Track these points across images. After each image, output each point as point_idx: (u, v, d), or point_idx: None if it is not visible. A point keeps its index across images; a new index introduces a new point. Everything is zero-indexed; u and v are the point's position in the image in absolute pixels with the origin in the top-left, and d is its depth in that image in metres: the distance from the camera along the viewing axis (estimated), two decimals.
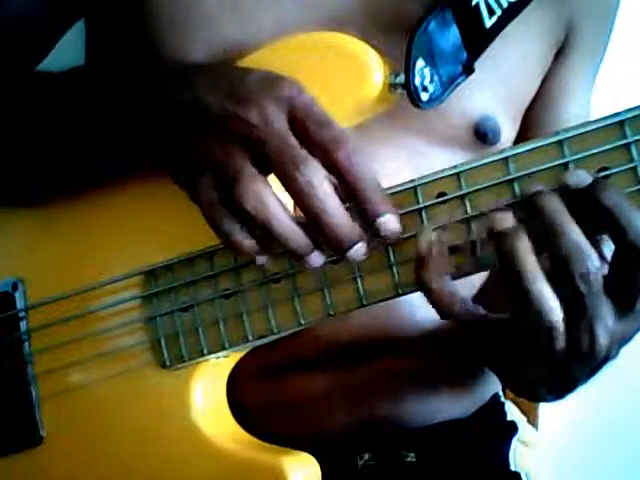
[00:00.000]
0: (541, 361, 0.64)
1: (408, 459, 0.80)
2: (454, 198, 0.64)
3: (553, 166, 0.62)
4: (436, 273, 0.62)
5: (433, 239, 0.62)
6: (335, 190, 0.62)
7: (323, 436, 0.77)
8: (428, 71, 0.69)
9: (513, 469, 0.83)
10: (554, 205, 0.60)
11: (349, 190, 0.62)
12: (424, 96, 0.69)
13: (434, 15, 0.69)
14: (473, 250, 0.64)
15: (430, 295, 0.62)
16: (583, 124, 0.62)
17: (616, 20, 0.87)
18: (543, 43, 0.82)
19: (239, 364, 0.74)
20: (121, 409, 0.73)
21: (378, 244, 0.65)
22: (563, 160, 0.62)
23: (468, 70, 0.72)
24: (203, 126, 0.64)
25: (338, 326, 0.75)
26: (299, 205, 0.62)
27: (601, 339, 0.60)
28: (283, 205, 0.63)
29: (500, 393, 0.89)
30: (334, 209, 0.62)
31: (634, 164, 0.61)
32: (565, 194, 0.60)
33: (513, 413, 0.88)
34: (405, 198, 0.65)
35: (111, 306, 0.73)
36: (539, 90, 0.84)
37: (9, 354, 0.76)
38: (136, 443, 0.73)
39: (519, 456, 0.84)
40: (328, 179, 0.62)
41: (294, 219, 0.63)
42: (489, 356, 0.71)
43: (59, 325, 0.74)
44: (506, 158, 0.63)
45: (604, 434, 1.23)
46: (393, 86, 0.68)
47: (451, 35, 0.71)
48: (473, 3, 0.71)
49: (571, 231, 0.59)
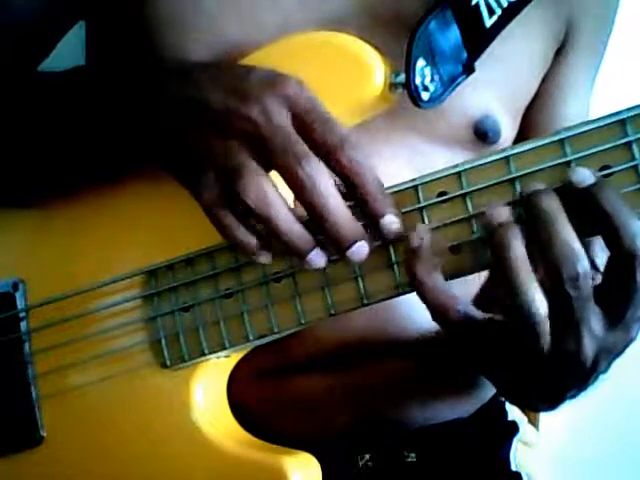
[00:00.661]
0: (528, 365, 0.63)
1: (409, 459, 0.80)
2: (455, 197, 0.64)
3: (554, 165, 0.62)
4: (427, 268, 0.62)
5: (425, 234, 0.62)
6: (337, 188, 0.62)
7: (324, 436, 0.77)
8: (429, 70, 0.69)
9: (514, 469, 0.83)
10: (551, 204, 0.60)
11: (351, 189, 0.62)
12: (425, 95, 0.69)
13: (434, 15, 0.69)
14: (473, 249, 0.64)
15: (421, 290, 0.62)
16: (584, 123, 0.62)
17: (616, 20, 0.88)
18: (543, 42, 0.82)
19: (239, 364, 0.74)
20: (121, 409, 0.73)
21: (379, 243, 0.65)
22: (564, 159, 0.62)
23: (468, 70, 0.72)
24: (205, 123, 0.64)
25: (338, 326, 0.74)
26: (301, 201, 0.62)
27: (587, 345, 0.60)
28: (285, 201, 0.63)
29: None
30: (336, 206, 0.62)
31: (635, 162, 0.61)
32: (565, 193, 0.60)
33: (514, 413, 0.88)
34: (406, 197, 0.65)
35: (112, 306, 0.73)
36: (539, 89, 0.84)
37: (9, 354, 0.76)
38: (136, 443, 0.73)
39: (520, 456, 0.84)
40: (330, 176, 0.62)
41: (296, 216, 0.63)
42: (479, 363, 0.71)
43: (59, 325, 0.74)
44: (507, 157, 0.63)
45: (604, 434, 1.23)
46: (394, 85, 0.68)
47: (451, 35, 0.71)
48: (473, 3, 0.71)
49: (565, 233, 0.59)
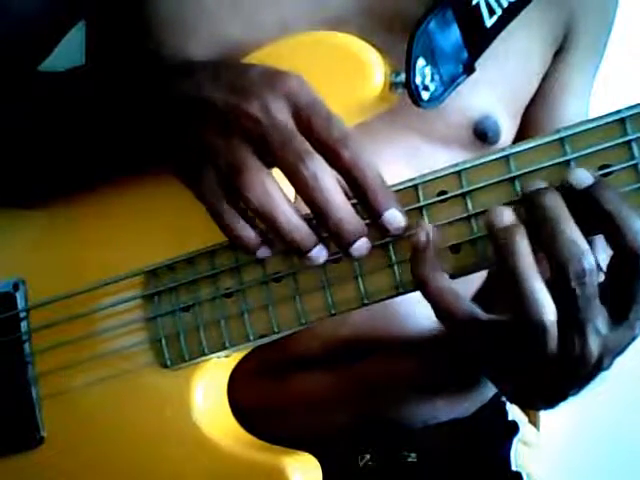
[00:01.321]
0: (532, 365, 0.63)
1: (409, 459, 0.80)
2: (455, 196, 0.64)
3: (554, 164, 0.62)
4: (432, 268, 0.62)
5: (430, 234, 0.62)
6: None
7: (324, 436, 0.77)
8: (429, 70, 0.69)
9: (514, 469, 0.83)
10: (554, 203, 0.59)
11: (353, 185, 0.62)
12: (425, 95, 0.69)
13: (434, 14, 0.69)
14: (473, 248, 0.63)
15: (426, 290, 0.62)
16: (584, 122, 0.62)
17: (616, 19, 0.88)
18: (543, 42, 0.82)
19: (240, 364, 0.74)
20: (122, 409, 0.73)
21: (381, 240, 0.65)
22: (564, 158, 0.62)
23: (469, 69, 0.72)
24: (206, 120, 0.64)
25: (339, 326, 0.75)
26: (303, 198, 0.62)
27: (592, 344, 0.60)
28: (287, 197, 0.63)
29: None
30: (338, 202, 0.62)
31: (635, 161, 0.61)
32: (566, 192, 0.60)
33: (514, 413, 0.88)
34: (406, 196, 0.65)
35: (112, 306, 0.73)
36: (539, 89, 0.84)
37: (10, 354, 0.76)
38: (137, 443, 0.72)
39: (520, 456, 0.84)
40: (332, 172, 0.62)
41: (298, 212, 0.63)
42: (482, 364, 0.70)
43: (60, 325, 0.74)
44: (507, 156, 0.63)
45: (605, 434, 1.23)
46: (394, 85, 0.68)
47: (452, 34, 0.71)
48: (473, 3, 0.71)
49: (570, 230, 0.58)
